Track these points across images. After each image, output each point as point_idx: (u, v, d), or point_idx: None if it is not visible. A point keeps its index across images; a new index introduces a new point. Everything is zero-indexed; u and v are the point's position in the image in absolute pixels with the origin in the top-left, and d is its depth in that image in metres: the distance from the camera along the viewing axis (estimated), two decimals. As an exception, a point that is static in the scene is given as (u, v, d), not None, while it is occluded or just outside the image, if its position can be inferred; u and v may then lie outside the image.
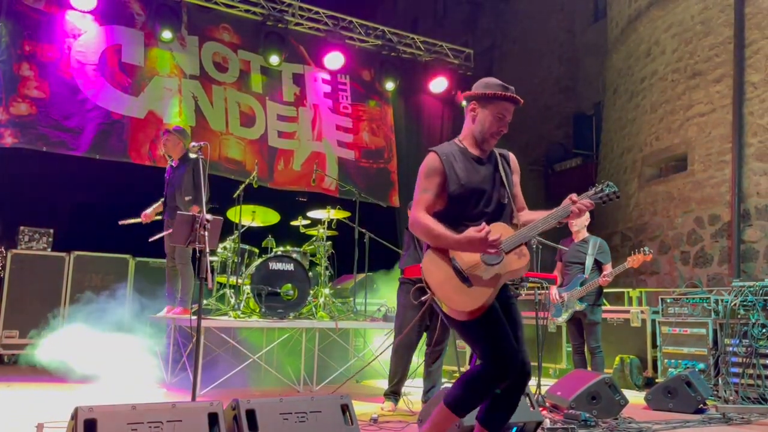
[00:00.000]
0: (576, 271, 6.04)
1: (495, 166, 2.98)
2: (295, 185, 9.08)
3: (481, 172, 2.90)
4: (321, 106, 9.68)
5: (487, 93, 2.89)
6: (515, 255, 2.78)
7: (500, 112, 2.90)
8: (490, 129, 2.89)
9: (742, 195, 8.83)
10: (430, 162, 2.86)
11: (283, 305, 6.54)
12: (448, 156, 2.87)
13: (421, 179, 2.85)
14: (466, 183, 2.83)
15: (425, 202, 2.82)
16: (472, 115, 2.95)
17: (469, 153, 2.92)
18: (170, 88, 8.37)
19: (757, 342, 5.99)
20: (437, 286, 2.72)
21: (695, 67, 9.84)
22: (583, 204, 2.81)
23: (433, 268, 2.74)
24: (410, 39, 10.50)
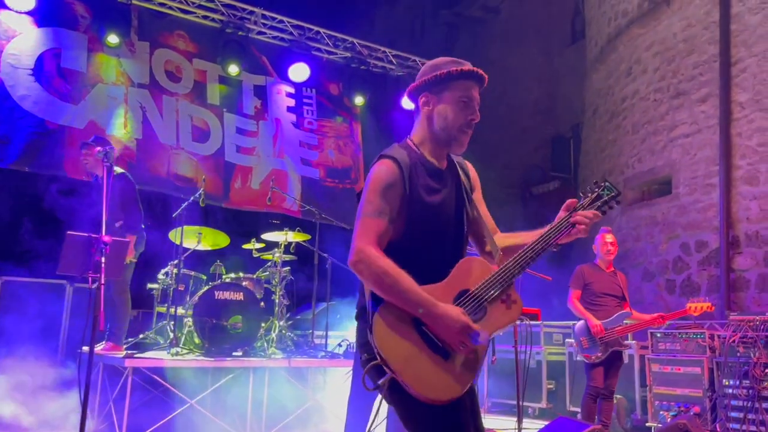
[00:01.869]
0: (612, 305, 5.39)
1: (457, 179, 2.24)
2: (253, 205, 8.34)
3: (443, 190, 2.17)
4: (284, 121, 8.99)
5: (440, 74, 2.14)
6: (502, 304, 2.05)
7: (463, 95, 2.15)
8: (456, 121, 2.14)
9: (731, 220, 8.31)
10: (385, 173, 2.07)
11: (231, 340, 5.81)
12: (408, 167, 2.11)
13: (373, 197, 2.05)
14: (429, 202, 2.10)
15: (378, 229, 2.02)
16: (426, 111, 2.20)
17: (428, 163, 2.17)
18: (115, 97, 7.61)
19: (759, 383, 5.37)
20: (403, 364, 1.92)
21: (679, 87, 9.40)
22: (586, 216, 2.10)
23: (392, 337, 1.94)
24: (381, 52, 9.91)
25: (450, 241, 2.15)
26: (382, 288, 1.96)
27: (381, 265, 1.96)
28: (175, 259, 6.12)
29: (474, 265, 2.07)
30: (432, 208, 2.10)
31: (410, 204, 2.07)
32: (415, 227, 2.08)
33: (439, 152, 2.21)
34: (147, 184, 7.21)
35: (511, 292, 2.08)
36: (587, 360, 5.37)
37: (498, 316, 2.03)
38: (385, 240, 2.05)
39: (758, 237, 8.02)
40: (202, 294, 5.83)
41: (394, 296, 1.95)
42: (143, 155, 7.54)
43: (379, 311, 1.97)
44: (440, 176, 2.18)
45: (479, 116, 2.17)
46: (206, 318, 5.73)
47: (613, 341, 5.25)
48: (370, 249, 1.98)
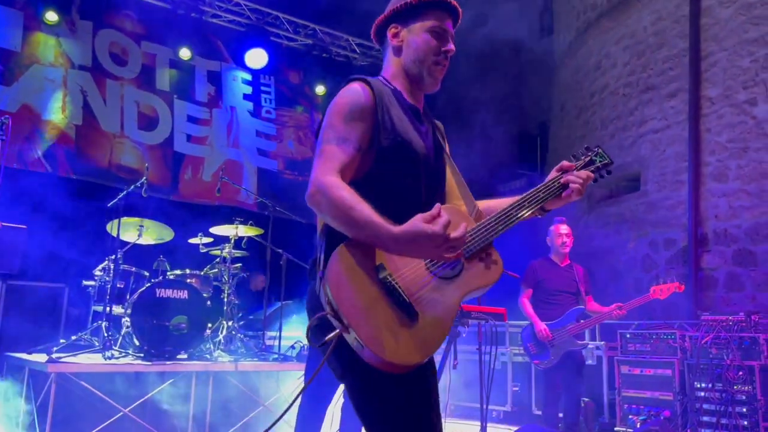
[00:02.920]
0: (568, 302, 5.05)
1: (433, 128, 1.96)
2: (205, 198, 7.86)
3: (422, 130, 1.88)
4: (239, 109, 8.51)
5: (411, 1, 1.88)
6: (481, 262, 1.74)
7: (437, 24, 1.90)
8: (430, 52, 1.88)
9: (700, 218, 8.13)
10: (354, 96, 1.76)
11: (173, 342, 5.34)
12: (382, 93, 1.80)
13: (337, 122, 1.74)
14: (406, 142, 1.78)
15: (341, 158, 1.71)
16: (395, 44, 1.92)
17: (404, 99, 1.88)
18: (53, 80, 7.06)
19: (732, 386, 5.12)
20: (359, 316, 1.56)
21: (648, 81, 9.21)
22: (579, 176, 1.88)
23: (349, 283, 1.60)
24: (344, 40, 9.49)
25: (426, 188, 1.84)
26: (339, 219, 1.63)
27: (339, 194, 1.62)
28: (113, 253, 5.61)
29: (452, 213, 1.73)
30: (408, 144, 1.79)
31: (382, 135, 1.76)
32: (386, 164, 1.77)
33: (413, 91, 1.94)
34: (86, 174, 6.70)
35: (492, 251, 1.78)
36: (538, 366, 5.06)
37: (475, 275, 1.72)
38: (349, 173, 1.72)
39: (727, 235, 7.85)
40: (142, 292, 5.36)
41: (353, 228, 1.62)
42: (83, 143, 7.01)
43: (338, 251, 1.63)
44: (417, 115, 1.91)
45: (454, 48, 1.92)
46: (146, 318, 5.26)
47: (564, 342, 4.94)
48: (330, 178, 1.66)
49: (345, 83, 1.85)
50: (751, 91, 7.83)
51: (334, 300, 1.57)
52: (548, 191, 1.88)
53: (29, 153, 6.63)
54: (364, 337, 1.54)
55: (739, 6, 8.08)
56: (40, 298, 6.22)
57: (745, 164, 7.77)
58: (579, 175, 1.89)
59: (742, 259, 7.63)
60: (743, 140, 7.80)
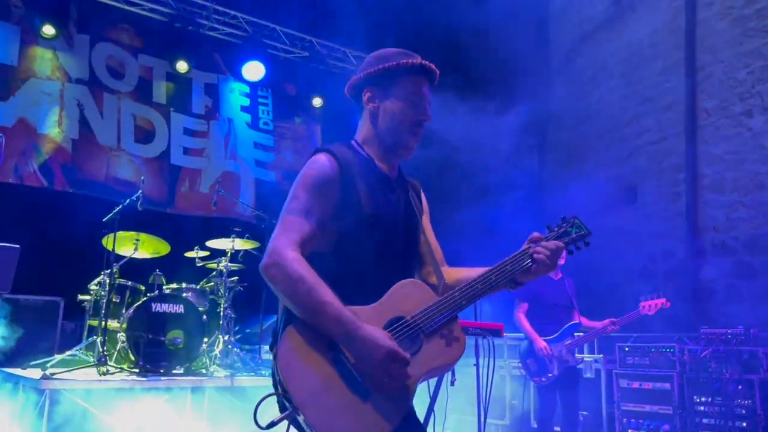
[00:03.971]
0: (563, 316, 5.02)
1: (407, 195, 1.91)
2: (202, 210, 7.82)
3: (392, 200, 1.83)
4: (237, 121, 8.50)
5: (388, 66, 1.83)
6: (442, 339, 1.68)
7: (414, 91, 1.84)
8: (405, 121, 1.83)
9: (697, 230, 8.12)
10: (320, 168, 1.76)
11: (169, 357, 5.31)
12: (349, 164, 1.76)
13: (301, 193, 1.74)
14: (371, 214, 1.74)
15: (302, 230, 1.69)
16: (370, 108, 1.87)
17: (375, 167, 1.84)
18: (49, 93, 7.04)
19: (732, 401, 5.09)
20: (308, 398, 1.54)
21: (644, 93, 9.23)
22: (547, 248, 1.77)
23: (299, 364, 1.57)
24: (341, 52, 9.50)
25: (392, 261, 1.78)
26: (295, 299, 1.59)
27: (297, 270, 1.59)
28: (109, 267, 5.58)
29: (414, 290, 1.71)
30: (373, 218, 1.75)
31: (346, 210, 1.72)
32: (349, 239, 1.73)
33: (387, 158, 1.89)
34: (82, 188, 6.67)
35: (455, 327, 1.71)
36: (538, 383, 5.02)
37: (435, 353, 1.66)
38: (309, 246, 1.69)
39: (725, 247, 7.84)
40: (138, 306, 5.33)
41: (309, 311, 1.58)
42: (79, 157, 6.99)
43: (288, 330, 1.60)
44: (389, 184, 1.85)
45: (430, 117, 1.86)
46: (141, 333, 5.23)
47: (563, 358, 4.91)
48: (288, 251, 1.63)
49: (312, 153, 1.84)
50: (747, 102, 7.85)
51: (284, 380, 1.54)
52: (515, 264, 1.79)
53: (25, 167, 6.61)
54: (313, 421, 1.50)
55: (734, 18, 8.11)
56: (35, 312, 6.18)
57: (742, 176, 7.77)
58: (548, 246, 1.79)
59: (741, 272, 7.61)
60: (740, 152, 7.81)
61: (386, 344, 1.55)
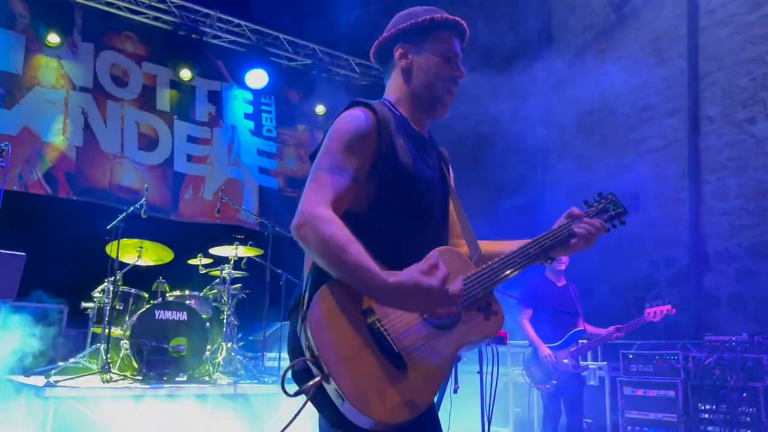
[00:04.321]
0: (567, 322, 5.01)
1: (438, 158, 1.85)
2: (206, 217, 7.85)
3: (429, 162, 1.76)
4: (240, 128, 8.53)
5: (421, 20, 1.77)
6: (479, 313, 1.62)
7: (447, 47, 1.79)
8: (441, 76, 1.77)
9: (701, 236, 8.11)
10: (356, 122, 1.64)
11: (172, 364, 5.31)
12: (387, 119, 1.67)
13: (335, 148, 1.61)
14: (410, 174, 1.66)
15: (336, 188, 1.56)
16: (403, 65, 1.80)
17: (410, 127, 1.76)
18: (54, 102, 7.08)
19: (737, 408, 5.07)
20: (341, 365, 1.42)
21: (647, 100, 9.24)
22: (592, 225, 1.76)
23: (332, 327, 1.45)
24: (344, 60, 9.54)
25: (430, 225, 1.73)
26: (328, 259, 1.48)
27: (330, 230, 1.48)
28: (113, 275, 5.59)
29: (452, 258, 1.63)
30: (412, 177, 1.67)
31: (385, 166, 1.63)
32: (387, 198, 1.64)
33: (420, 118, 1.82)
34: (86, 195, 6.70)
35: (493, 300, 1.66)
36: (542, 390, 5.01)
37: (473, 326, 1.60)
38: (343, 205, 1.59)
39: (728, 254, 7.82)
40: (141, 314, 5.34)
41: (342, 271, 1.48)
42: (83, 164, 7.02)
43: (322, 291, 1.49)
44: (424, 145, 1.78)
45: (465, 74, 1.82)
46: (145, 340, 5.23)
47: (566, 365, 4.90)
48: (322, 210, 1.51)
49: (347, 107, 1.72)
50: (750, 110, 7.85)
51: (315, 345, 1.43)
52: (556, 239, 1.75)
53: (30, 175, 6.64)
54: (345, 389, 1.40)
55: (736, 26, 8.12)
56: (39, 319, 6.19)
57: (745, 183, 7.76)
58: (592, 224, 1.77)
59: (744, 278, 7.59)
60: (743, 159, 7.80)
61: (423, 278, 1.43)
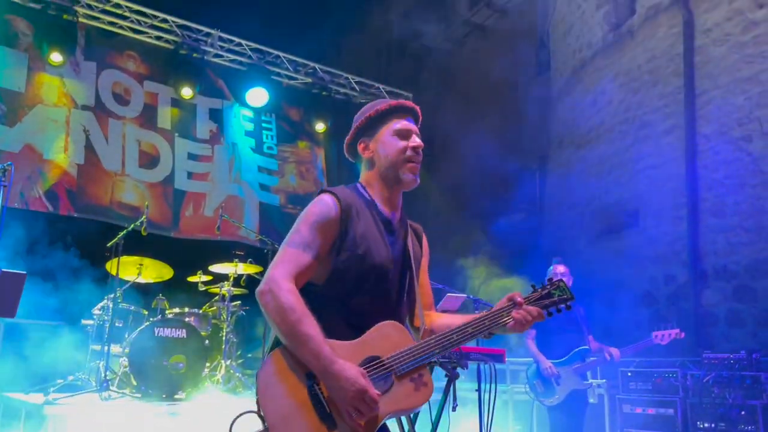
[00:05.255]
0: (572, 340, 5.04)
1: (405, 239, 2.02)
2: (207, 233, 7.88)
3: (388, 245, 1.94)
4: (241, 145, 8.59)
5: (370, 114, 2.00)
6: (411, 383, 1.77)
7: (399, 127, 1.99)
8: (399, 153, 1.96)
9: (699, 254, 8.13)
10: (323, 207, 1.89)
11: (171, 381, 5.31)
12: (350, 206, 1.89)
13: (304, 228, 1.86)
14: (365, 254, 1.86)
15: (299, 262, 1.81)
16: (367, 156, 2.02)
17: (377, 211, 1.96)
18: (56, 120, 7.15)
19: (736, 426, 5.06)
20: (280, 421, 1.67)
21: (644, 118, 9.31)
22: (528, 313, 1.87)
23: (277, 387, 1.71)
24: (344, 78, 9.63)
25: (382, 301, 1.90)
26: (283, 327, 1.73)
27: (289, 301, 1.73)
28: (112, 292, 5.61)
29: (392, 332, 1.81)
30: (368, 257, 1.87)
31: (343, 247, 1.85)
32: (341, 275, 1.85)
33: (391, 197, 2.01)
34: (87, 213, 6.73)
35: (424, 372, 1.82)
36: (543, 404, 5.04)
37: (403, 395, 1.76)
38: (305, 278, 1.83)
39: (726, 271, 7.84)
40: (141, 331, 5.35)
41: (292, 339, 1.72)
42: (84, 181, 7.07)
43: (274, 354, 1.75)
44: (389, 227, 1.97)
45: (421, 142, 2.00)
46: (144, 357, 5.24)
47: (569, 381, 4.92)
48: (284, 282, 1.77)
49: (318, 193, 1.96)
50: (746, 128, 7.91)
51: (261, 400, 1.68)
52: (494, 321, 1.89)
53: (31, 192, 6.68)
54: None
55: (732, 45, 8.21)
56: (39, 336, 6.20)
57: (742, 200, 7.80)
58: (530, 311, 1.88)
59: (743, 296, 7.61)
60: (740, 176, 7.85)
61: (358, 382, 1.66)
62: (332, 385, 1.67)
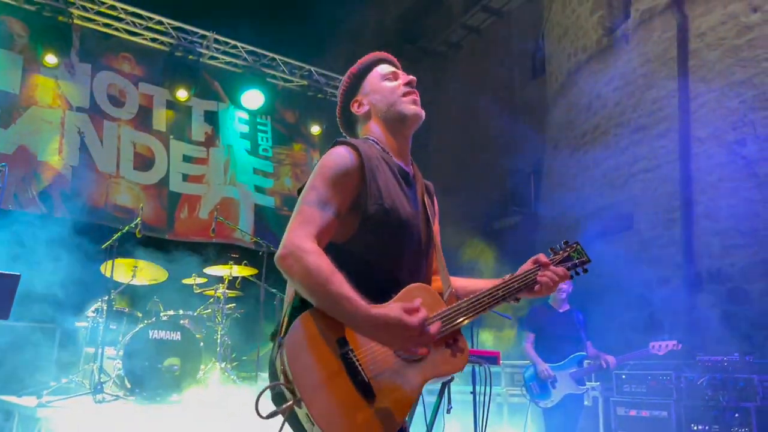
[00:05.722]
0: (569, 347, 5.08)
1: (422, 195, 1.91)
2: (202, 236, 7.86)
3: (409, 197, 1.82)
4: (237, 148, 8.59)
5: (352, 72, 1.96)
6: (447, 348, 1.68)
7: (385, 73, 1.94)
8: (394, 91, 1.89)
9: (693, 257, 8.15)
10: (340, 159, 1.72)
11: (165, 384, 5.29)
12: (369, 157, 1.75)
13: (320, 184, 1.69)
14: (391, 208, 1.72)
15: (320, 222, 1.63)
16: (364, 113, 1.93)
17: (393, 162, 1.84)
18: (50, 121, 7.13)
19: (729, 429, 5.08)
20: (313, 392, 1.48)
21: (639, 121, 9.34)
22: (555, 273, 1.83)
23: (308, 355, 1.52)
24: (339, 81, 9.61)
25: (410, 259, 1.78)
26: (310, 289, 1.56)
27: (315, 262, 1.55)
28: (107, 294, 5.59)
29: (424, 294, 1.68)
30: (394, 211, 1.73)
31: (368, 201, 1.70)
32: (368, 232, 1.71)
33: (403, 145, 1.90)
34: (81, 215, 6.71)
35: (460, 337, 1.72)
36: (538, 405, 5.08)
37: (440, 361, 1.66)
38: (327, 238, 1.66)
39: (720, 274, 7.87)
40: (135, 333, 5.34)
41: (325, 302, 1.55)
42: (79, 183, 7.06)
43: (301, 319, 1.56)
44: (408, 180, 1.85)
45: (413, 77, 1.94)
46: (138, 360, 5.23)
47: (566, 385, 4.96)
48: (306, 242, 1.58)
49: (332, 145, 1.80)
50: (740, 131, 7.94)
51: (290, 370, 1.49)
52: (523, 283, 1.83)
53: (25, 194, 6.66)
54: (315, 414, 1.46)
55: (726, 49, 8.25)
56: (32, 339, 6.18)
57: (736, 203, 7.82)
58: (557, 272, 1.84)
59: (737, 298, 7.63)
60: (734, 180, 7.88)
61: (403, 316, 1.52)
62: (379, 331, 1.52)
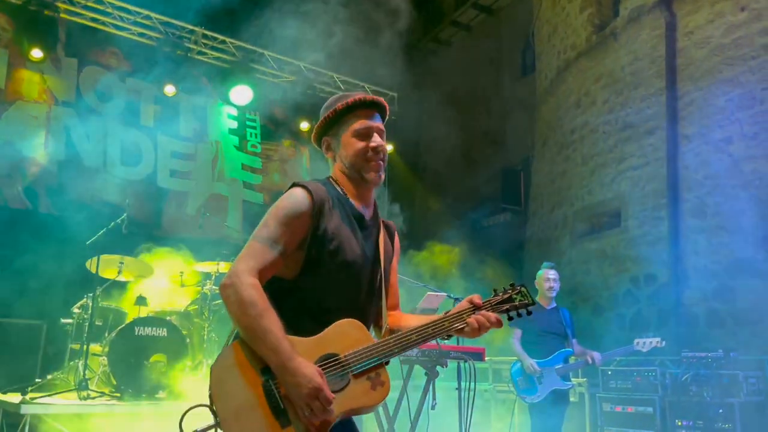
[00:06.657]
0: (555, 343, 5.10)
1: (377, 236, 1.99)
2: (188, 232, 7.83)
3: (360, 242, 1.90)
4: (225, 143, 8.55)
5: (329, 115, 1.95)
6: (368, 381, 1.75)
7: (358, 126, 1.93)
8: (358, 154, 1.91)
9: (679, 254, 8.21)
10: (294, 201, 1.83)
11: (151, 381, 5.27)
12: (323, 201, 1.83)
13: (272, 222, 1.80)
14: (337, 251, 1.82)
15: (264, 258, 1.75)
16: (331, 156, 2.00)
17: (350, 206, 1.92)
18: (36, 116, 7.07)
19: (714, 424, 5.12)
20: (232, 415, 1.63)
21: (627, 119, 9.38)
22: (485, 318, 1.84)
23: (231, 381, 1.66)
24: (329, 77, 9.62)
25: (351, 299, 1.87)
26: (243, 321, 1.68)
27: (251, 295, 1.69)
28: (92, 290, 5.55)
29: (352, 330, 1.78)
30: (340, 255, 1.83)
31: (314, 243, 1.80)
32: (313, 271, 1.81)
33: (361, 192, 1.96)
34: (68, 210, 6.66)
35: (382, 372, 1.78)
36: (524, 400, 5.12)
37: (359, 393, 1.73)
38: (270, 274, 1.78)
39: (706, 271, 7.92)
40: (121, 329, 5.31)
41: (252, 333, 1.67)
42: (65, 179, 7.00)
43: (233, 345, 1.71)
44: (362, 223, 1.93)
45: (382, 142, 1.95)
46: (124, 356, 5.20)
47: (551, 381, 4.99)
48: (247, 276, 1.71)
49: (289, 187, 1.89)
50: (726, 129, 8.00)
51: (213, 394, 1.65)
52: (453, 324, 1.86)
53: (10, 190, 6.60)
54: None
55: (713, 48, 8.30)
56: (17, 335, 6.14)
57: (722, 201, 7.88)
58: (488, 317, 1.85)
59: (722, 295, 7.69)
60: (720, 177, 7.93)
61: (314, 381, 1.63)
62: (288, 381, 1.64)
